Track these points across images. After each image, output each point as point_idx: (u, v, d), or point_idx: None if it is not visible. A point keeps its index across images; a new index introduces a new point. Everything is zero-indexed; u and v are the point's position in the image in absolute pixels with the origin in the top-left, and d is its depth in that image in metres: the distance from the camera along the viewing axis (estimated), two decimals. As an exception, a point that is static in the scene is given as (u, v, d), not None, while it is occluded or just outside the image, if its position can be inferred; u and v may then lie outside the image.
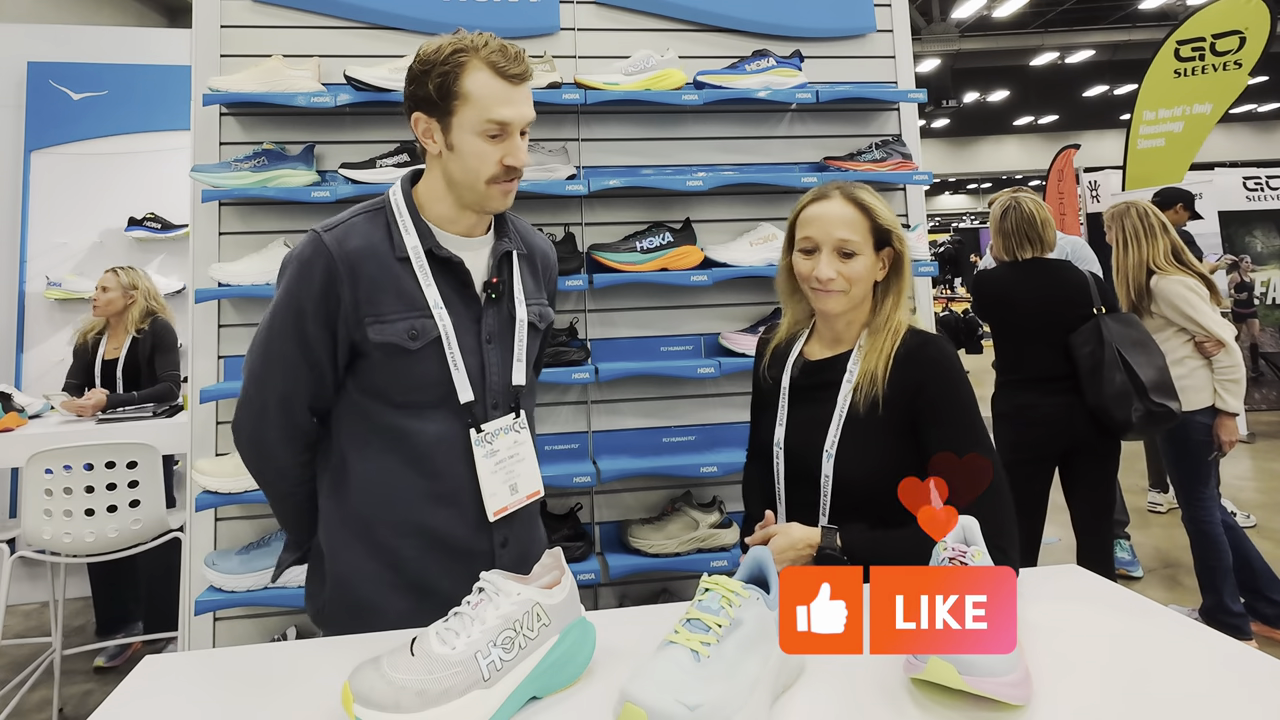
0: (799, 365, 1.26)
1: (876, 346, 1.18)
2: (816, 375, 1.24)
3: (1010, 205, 2.45)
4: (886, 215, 1.20)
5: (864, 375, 1.17)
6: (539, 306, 1.20)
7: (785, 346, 1.31)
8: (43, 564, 2.60)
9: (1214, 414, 2.56)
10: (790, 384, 1.26)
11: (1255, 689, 0.76)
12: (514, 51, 1.05)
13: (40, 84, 3.89)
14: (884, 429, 1.15)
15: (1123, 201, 2.79)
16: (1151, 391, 2.24)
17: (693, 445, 2.30)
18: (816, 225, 1.20)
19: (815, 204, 1.21)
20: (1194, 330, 2.56)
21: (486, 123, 1.03)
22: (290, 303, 1.04)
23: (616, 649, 0.87)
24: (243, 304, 2.16)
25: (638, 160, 2.36)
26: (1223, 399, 2.54)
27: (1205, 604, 2.69)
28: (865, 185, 1.24)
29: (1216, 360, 2.54)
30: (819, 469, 1.18)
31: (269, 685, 0.83)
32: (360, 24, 2.28)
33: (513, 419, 1.13)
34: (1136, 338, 2.32)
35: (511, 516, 1.13)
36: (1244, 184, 6.45)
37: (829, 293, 1.19)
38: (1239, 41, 5.37)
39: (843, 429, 1.17)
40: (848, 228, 1.18)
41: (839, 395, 1.19)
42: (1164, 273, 2.60)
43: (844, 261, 1.18)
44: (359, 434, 1.09)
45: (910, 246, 1.24)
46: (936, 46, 13.24)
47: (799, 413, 1.24)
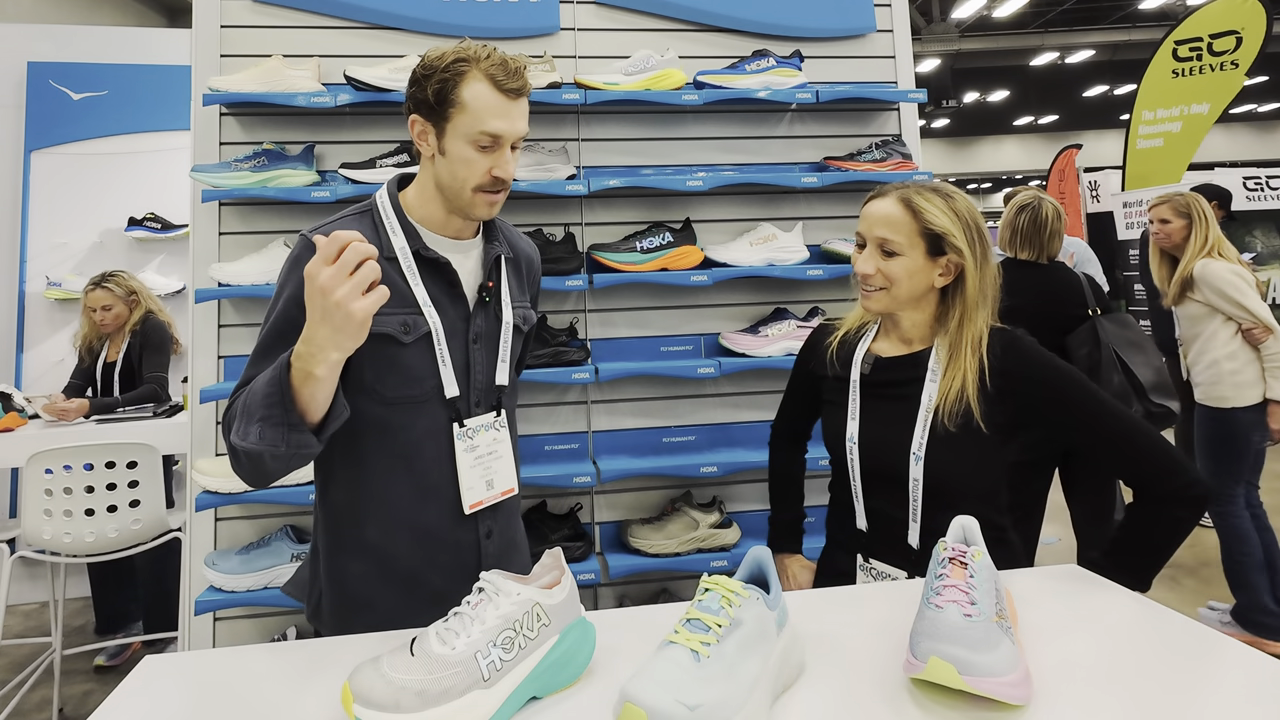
0: (869, 360, 1.25)
1: (958, 364, 1.16)
2: (890, 372, 1.23)
3: (1030, 204, 2.44)
4: (939, 220, 1.15)
5: (949, 392, 1.14)
6: (523, 309, 1.23)
7: (854, 337, 1.30)
8: (43, 564, 2.60)
9: (1263, 408, 2.54)
10: (861, 379, 1.24)
11: (1256, 689, 0.76)
12: (514, 66, 1.06)
13: (40, 84, 3.89)
14: (976, 438, 1.14)
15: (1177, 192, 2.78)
16: (1150, 392, 2.24)
17: (693, 445, 2.30)
18: (865, 222, 1.21)
19: (872, 201, 1.22)
20: (1241, 316, 2.54)
21: (479, 133, 1.04)
22: (285, 301, 1.05)
23: (616, 649, 0.87)
24: (243, 304, 2.16)
25: (638, 160, 2.36)
26: (1271, 386, 2.52)
27: (1238, 603, 2.66)
28: (939, 187, 1.20)
29: (1265, 347, 2.52)
30: (903, 469, 1.17)
31: (269, 685, 0.83)
32: (360, 24, 2.28)
33: (494, 417, 1.15)
34: (1132, 338, 2.32)
35: (494, 509, 1.16)
36: (1244, 184, 6.45)
37: (868, 291, 1.20)
38: (1236, 41, 5.38)
39: (930, 432, 1.15)
40: (889, 227, 1.17)
41: (922, 396, 1.17)
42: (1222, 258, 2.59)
43: (885, 260, 1.18)
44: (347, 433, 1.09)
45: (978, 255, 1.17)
46: (936, 46, 13.24)
47: (874, 410, 1.23)
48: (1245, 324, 2.54)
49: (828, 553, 1.34)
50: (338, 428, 0.97)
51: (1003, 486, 1.21)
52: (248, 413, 0.92)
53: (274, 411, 0.89)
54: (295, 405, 0.90)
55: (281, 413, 0.89)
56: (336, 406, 0.94)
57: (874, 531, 1.22)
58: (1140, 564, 1.10)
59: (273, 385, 0.90)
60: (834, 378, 1.29)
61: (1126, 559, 1.10)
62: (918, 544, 1.17)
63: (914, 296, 1.20)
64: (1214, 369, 2.63)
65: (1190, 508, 1.09)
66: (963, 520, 0.95)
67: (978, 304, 1.17)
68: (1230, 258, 2.64)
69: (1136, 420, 1.13)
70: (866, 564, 1.23)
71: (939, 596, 0.80)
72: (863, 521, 1.23)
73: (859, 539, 1.24)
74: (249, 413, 0.92)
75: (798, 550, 1.46)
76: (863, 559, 1.23)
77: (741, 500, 2.32)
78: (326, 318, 0.85)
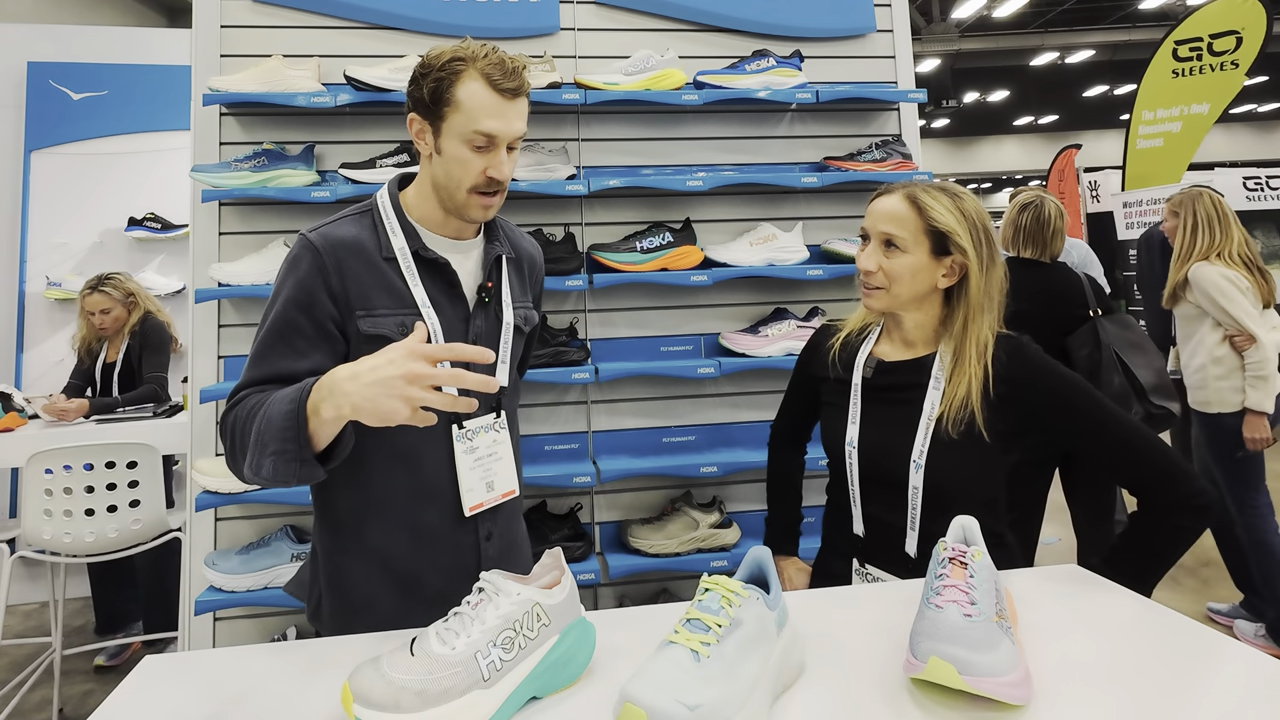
0: (871, 364, 1.24)
1: (963, 370, 1.14)
2: (891, 376, 1.22)
3: (1034, 202, 2.44)
4: (945, 218, 1.14)
5: (953, 399, 1.13)
6: (524, 310, 1.22)
7: (856, 340, 1.29)
8: (43, 564, 2.60)
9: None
10: (863, 382, 1.23)
11: (1256, 689, 0.76)
12: (512, 66, 1.05)
13: (40, 84, 3.89)
14: (978, 446, 1.13)
15: (1194, 186, 2.75)
16: (1151, 394, 2.24)
17: (693, 445, 2.30)
18: (871, 217, 1.21)
19: (877, 198, 1.22)
20: (1225, 322, 2.53)
21: (474, 133, 1.03)
22: (282, 302, 1.04)
23: (616, 649, 0.87)
24: (243, 304, 2.16)
25: (638, 160, 2.36)
26: (1249, 395, 2.50)
27: (1270, 618, 2.64)
28: (945, 187, 1.19)
29: (1247, 355, 2.50)
30: (903, 475, 1.16)
31: (269, 685, 0.83)
32: (360, 24, 2.28)
33: (493, 418, 1.15)
34: (1133, 340, 2.32)
35: (494, 511, 1.15)
36: (1244, 184, 6.44)
37: (869, 289, 1.19)
38: (1236, 41, 5.38)
39: (931, 440, 1.14)
40: (894, 222, 1.17)
41: (924, 402, 1.16)
42: (1219, 262, 2.56)
43: (887, 256, 1.17)
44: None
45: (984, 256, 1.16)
46: (936, 46, 13.24)
47: (875, 414, 1.21)
48: (1229, 330, 2.54)
49: (823, 556, 1.33)
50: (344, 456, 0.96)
51: (1002, 493, 1.20)
52: (261, 444, 0.92)
53: (288, 447, 0.90)
54: (309, 442, 0.90)
55: (295, 449, 0.90)
56: (345, 438, 0.94)
57: (871, 537, 1.21)
58: (1140, 571, 1.09)
59: (289, 420, 0.89)
60: (835, 380, 1.28)
61: (1127, 566, 1.10)
62: (915, 552, 1.16)
63: (916, 296, 1.19)
64: (1201, 373, 2.62)
65: (1193, 517, 1.08)
66: (963, 520, 0.94)
67: (982, 307, 1.16)
68: (1256, 262, 2.59)
69: (1141, 428, 1.12)
70: (863, 569, 1.22)
71: (939, 596, 0.80)
72: (859, 527, 1.22)
73: (856, 544, 1.23)
74: (262, 444, 0.92)
75: (794, 553, 1.45)
76: (859, 564, 1.23)
77: (741, 500, 2.32)
78: (376, 378, 0.83)
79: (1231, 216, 2.63)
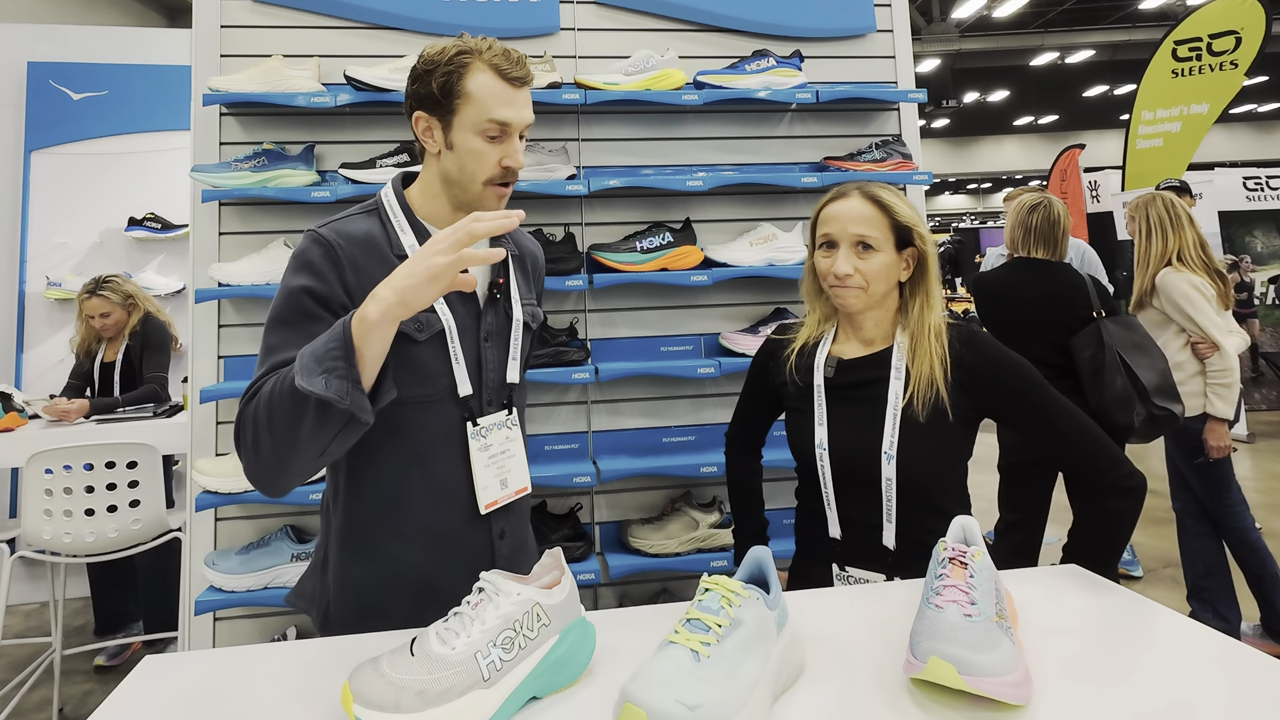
0: (832, 364, 1.25)
1: (924, 350, 1.18)
2: (853, 374, 1.23)
3: (1043, 203, 2.45)
4: (907, 213, 1.20)
5: (919, 379, 1.17)
6: (531, 307, 1.22)
7: (811, 347, 1.29)
8: (43, 564, 2.60)
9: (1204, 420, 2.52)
10: (825, 383, 1.24)
11: (1255, 689, 0.76)
12: (516, 56, 1.07)
13: (40, 84, 3.90)
14: (946, 428, 1.16)
15: (1149, 191, 2.75)
16: (1153, 395, 2.24)
17: (693, 445, 2.30)
18: (835, 223, 1.21)
19: (834, 203, 1.23)
20: (1191, 330, 2.53)
21: (487, 123, 1.04)
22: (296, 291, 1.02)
23: (616, 649, 0.87)
24: (243, 304, 2.16)
25: (638, 160, 2.36)
26: (1212, 403, 2.50)
27: (1264, 616, 2.64)
28: (887, 185, 1.24)
29: (1209, 363, 2.50)
30: (875, 470, 1.17)
31: (269, 685, 0.83)
32: (360, 24, 2.28)
33: (506, 415, 1.15)
34: (1137, 341, 2.32)
35: (506, 509, 1.16)
36: (1244, 184, 6.46)
37: (846, 289, 1.20)
38: (1235, 42, 5.39)
39: (900, 428, 1.16)
40: (865, 224, 1.19)
41: (888, 394, 1.18)
42: (1184, 268, 2.55)
43: (861, 258, 1.19)
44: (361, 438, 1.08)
45: (933, 244, 1.24)
46: (936, 46, 13.25)
47: (841, 413, 1.22)
48: (1194, 337, 2.53)
49: (800, 562, 1.32)
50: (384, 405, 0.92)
51: (965, 482, 1.24)
52: (306, 369, 0.87)
53: (338, 364, 0.86)
54: (356, 362, 0.87)
55: (345, 366, 0.86)
56: (386, 381, 0.92)
57: (848, 538, 1.21)
58: (1096, 562, 1.11)
59: (334, 340, 0.87)
60: (795, 385, 1.28)
61: (1084, 560, 1.12)
62: (893, 544, 1.17)
63: (884, 292, 1.22)
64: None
65: (1127, 498, 1.12)
66: (963, 520, 0.95)
67: (934, 291, 1.22)
68: (1211, 260, 2.58)
69: (1083, 416, 1.16)
70: (843, 572, 1.22)
71: (939, 596, 0.80)
72: (836, 529, 1.22)
73: (834, 548, 1.23)
74: (307, 369, 0.87)
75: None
76: (839, 568, 1.22)
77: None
78: (408, 269, 0.87)
79: (1185, 218, 2.60)
